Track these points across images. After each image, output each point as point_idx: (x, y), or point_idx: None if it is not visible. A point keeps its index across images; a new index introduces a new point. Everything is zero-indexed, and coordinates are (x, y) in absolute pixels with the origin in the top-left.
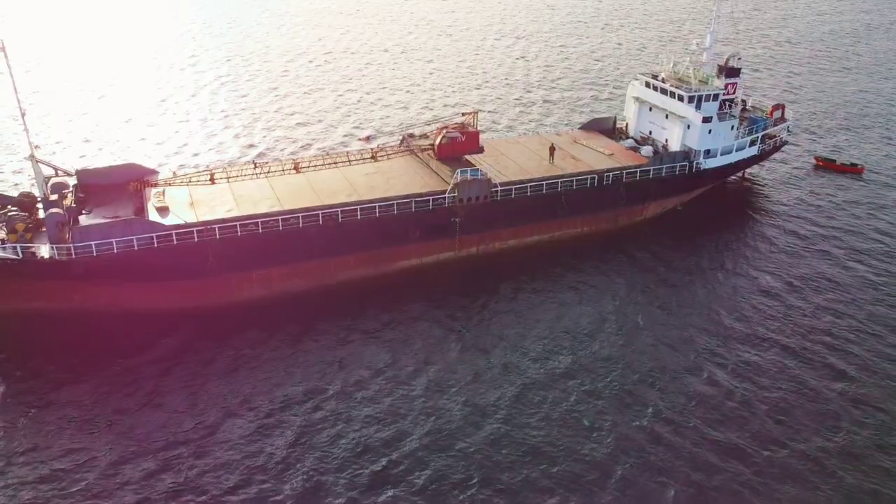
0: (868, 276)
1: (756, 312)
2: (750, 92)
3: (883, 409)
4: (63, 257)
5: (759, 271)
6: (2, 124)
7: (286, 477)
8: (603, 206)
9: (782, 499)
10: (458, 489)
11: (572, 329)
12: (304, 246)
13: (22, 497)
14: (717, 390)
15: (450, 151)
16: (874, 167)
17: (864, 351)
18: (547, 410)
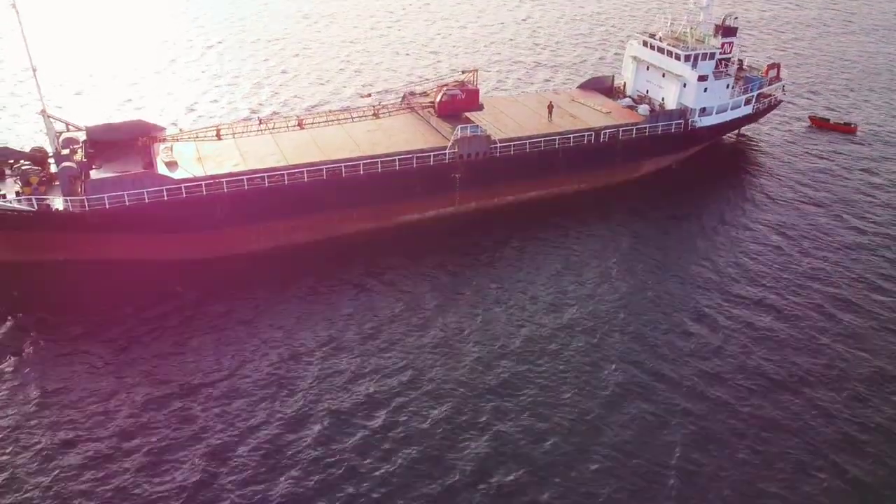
0: (858, 225)
1: (752, 261)
2: (747, 52)
3: (870, 347)
4: (76, 209)
5: (755, 223)
6: (15, 80)
7: (303, 417)
8: (600, 163)
9: (770, 426)
10: (471, 428)
11: (573, 278)
12: (309, 200)
13: (56, 437)
14: (714, 331)
15: (450, 109)
16: (867, 126)
17: (853, 293)
18: (553, 351)
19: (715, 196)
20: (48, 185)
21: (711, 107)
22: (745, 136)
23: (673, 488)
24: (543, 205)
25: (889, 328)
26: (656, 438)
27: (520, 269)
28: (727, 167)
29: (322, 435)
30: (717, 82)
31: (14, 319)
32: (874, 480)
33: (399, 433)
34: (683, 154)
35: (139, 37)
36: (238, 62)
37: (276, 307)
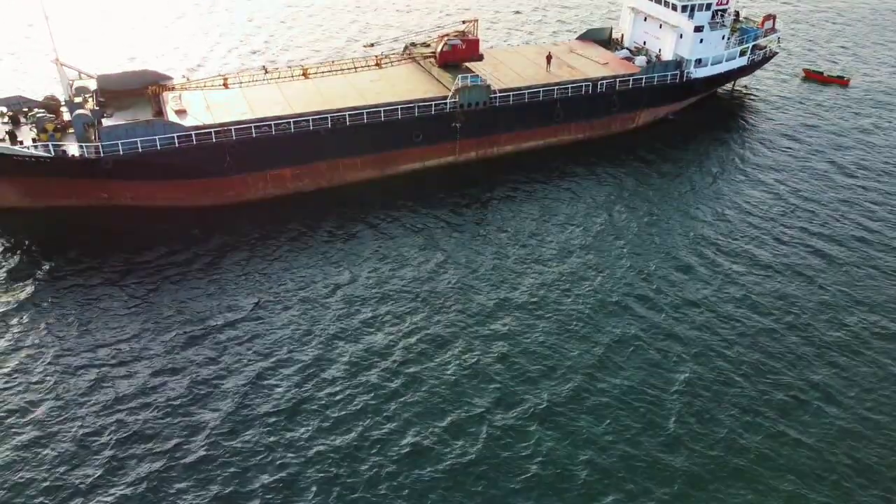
0: (848, 169)
1: (746, 206)
2: (744, 2)
3: (856, 298)
4: (91, 155)
5: (749, 170)
6: (26, 27)
7: (314, 346)
8: (597, 113)
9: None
10: (459, 367)
11: (571, 222)
12: (315, 147)
13: (84, 375)
14: (705, 273)
15: (451, 58)
16: (860, 79)
17: (843, 237)
18: (550, 290)
19: (711, 145)
20: (63, 133)
21: (707, 58)
22: (741, 87)
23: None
24: (542, 154)
25: (878, 270)
26: (655, 373)
27: (519, 214)
28: (723, 118)
29: (344, 370)
30: (712, 33)
31: (32, 264)
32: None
33: (410, 370)
34: (679, 105)
35: None
36: (245, 17)
37: (289, 252)
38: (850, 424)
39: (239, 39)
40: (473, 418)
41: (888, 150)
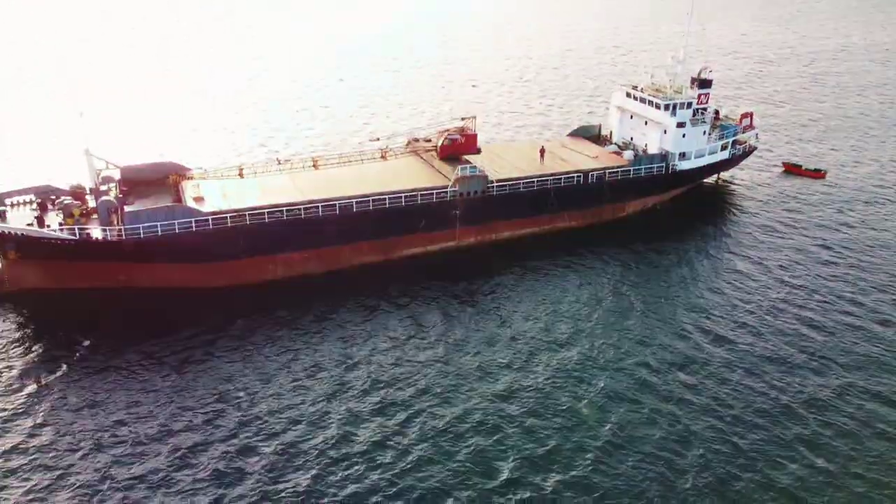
0: (829, 259)
1: (733, 289)
2: (723, 102)
3: (840, 364)
4: (114, 238)
5: (735, 257)
6: (56, 122)
7: (323, 422)
8: (589, 203)
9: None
10: (478, 434)
11: (568, 305)
12: (323, 232)
13: (101, 439)
14: (699, 350)
15: (451, 151)
16: (835, 172)
17: (825, 317)
18: (552, 369)
19: (698, 232)
20: (87, 218)
21: (690, 151)
22: (725, 180)
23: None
24: (538, 240)
25: (861, 339)
26: (642, 434)
27: (519, 297)
28: (709, 208)
29: (341, 432)
30: (694, 129)
31: (55, 346)
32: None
33: (413, 431)
34: (667, 195)
35: (174, 89)
36: (262, 116)
37: (299, 333)
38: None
39: (255, 135)
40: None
41: (864, 235)
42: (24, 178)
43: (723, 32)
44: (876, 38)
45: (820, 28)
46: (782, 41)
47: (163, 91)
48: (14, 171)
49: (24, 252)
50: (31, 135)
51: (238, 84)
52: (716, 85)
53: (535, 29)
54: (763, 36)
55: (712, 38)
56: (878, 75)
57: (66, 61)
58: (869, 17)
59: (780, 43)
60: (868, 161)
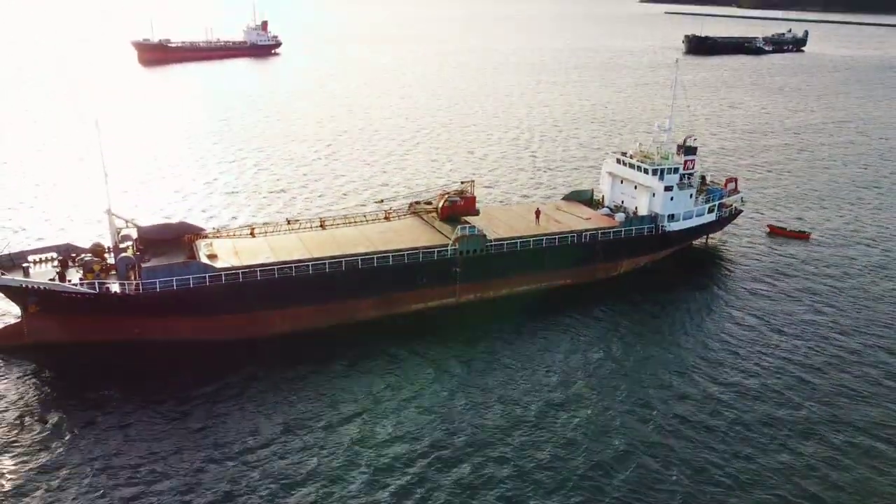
0: (814, 315)
1: (724, 343)
2: (709, 169)
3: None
4: (132, 292)
5: (725, 313)
6: (83, 183)
7: (347, 477)
8: (583, 262)
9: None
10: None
11: (566, 360)
12: (329, 288)
13: (116, 495)
14: (699, 403)
15: (451, 213)
16: (819, 234)
17: (820, 364)
18: (559, 425)
19: (689, 290)
20: (107, 274)
21: (679, 213)
22: (713, 241)
23: None
24: (535, 297)
25: (847, 388)
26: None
27: (519, 350)
28: (699, 267)
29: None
30: (681, 192)
31: (70, 394)
32: None
33: (428, 485)
34: (658, 255)
35: (192, 154)
36: (272, 180)
37: (306, 384)
38: None
39: (265, 197)
40: None
41: (847, 290)
42: (47, 237)
43: (710, 103)
44: (857, 113)
45: (803, 102)
46: (767, 113)
47: (181, 156)
48: (38, 230)
49: (44, 306)
50: (56, 196)
51: (250, 151)
52: (701, 152)
53: (530, 100)
54: (749, 108)
55: (699, 109)
56: (858, 146)
57: (92, 128)
58: (850, 93)
59: (764, 115)
60: (849, 223)
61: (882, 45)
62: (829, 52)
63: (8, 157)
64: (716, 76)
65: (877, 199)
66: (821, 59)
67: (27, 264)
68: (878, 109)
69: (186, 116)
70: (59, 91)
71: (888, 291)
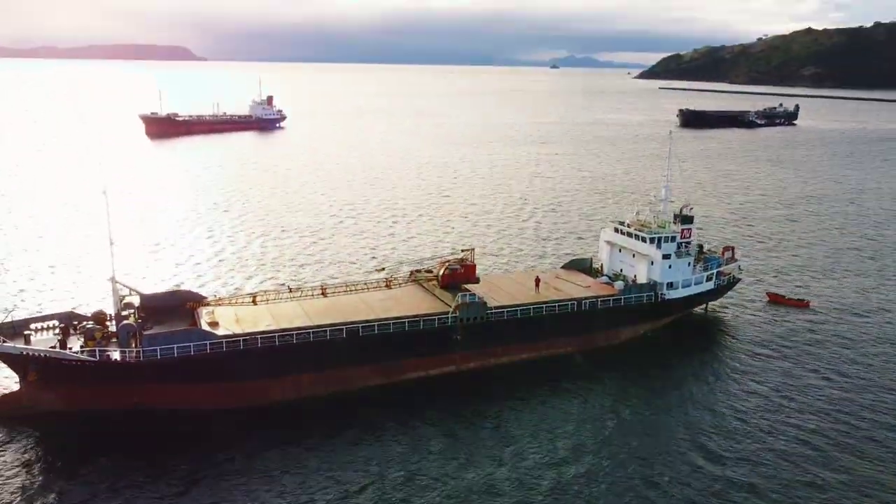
0: (820, 381)
1: (734, 410)
2: (707, 237)
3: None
4: (132, 359)
5: (727, 380)
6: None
7: None
8: (583, 329)
9: None
10: None
11: (568, 428)
12: (330, 355)
13: None
14: (705, 471)
15: (451, 281)
16: (818, 301)
17: (819, 438)
18: (572, 496)
19: (689, 358)
20: (108, 342)
21: (677, 281)
22: (713, 309)
23: None
24: (536, 365)
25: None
26: None
27: (521, 420)
28: (699, 335)
29: None
30: (679, 260)
31: (68, 467)
32: None
33: None
34: (658, 323)
35: (194, 224)
36: (275, 250)
37: (308, 455)
38: None
39: (268, 266)
40: None
41: (848, 357)
42: (50, 305)
43: (705, 174)
44: (850, 183)
45: (798, 173)
46: (762, 183)
47: (186, 225)
48: (42, 298)
49: (44, 374)
50: (61, 264)
51: (255, 220)
52: (698, 221)
53: (529, 171)
54: (744, 178)
55: (695, 179)
56: (854, 216)
57: (99, 196)
58: (843, 164)
59: (760, 185)
60: (848, 290)
61: (870, 119)
62: (820, 126)
63: (14, 225)
64: (710, 148)
65: (874, 266)
66: (812, 131)
67: (29, 332)
68: (872, 180)
69: (192, 186)
70: (67, 161)
71: (892, 357)
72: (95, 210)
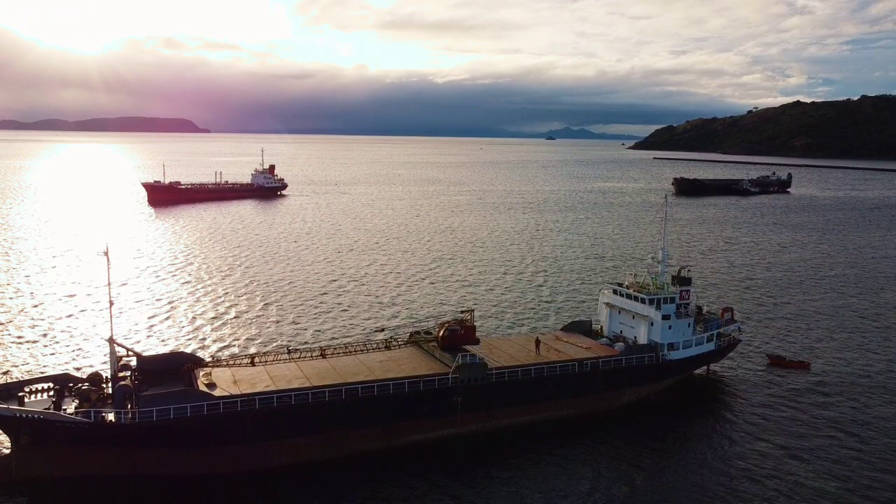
0: (828, 441)
1: (746, 472)
2: (705, 298)
3: None
4: (127, 421)
5: (734, 442)
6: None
7: None
8: (584, 392)
9: None
10: None
11: (573, 493)
12: (328, 418)
13: None
14: None
15: (451, 342)
16: (820, 363)
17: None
18: None
19: (693, 420)
20: (104, 404)
21: (678, 342)
22: (714, 371)
23: None
24: (538, 428)
25: None
26: None
27: (525, 485)
28: (701, 397)
29: None
30: (679, 321)
31: None
32: None
33: None
34: (660, 385)
35: (195, 287)
36: (279, 309)
37: None
38: None
39: (268, 328)
40: None
41: (853, 420)
42: (45, 367)
43: (702, 238)
44: (847, 247)
45: (794, 237)
46: (759, 247)
47: (186, 288)
48: (38, 360)
49: (36, 437)
50: (58, 325)
51: (257, 284)
52: (696, 283)
53: (528, 236)
54: (740, 242)
55: (691, 243)
56: (851, 278)
57: (100, 258)
58: (838, 229)
59: (756, 248)
60: (848, 351)
61: (861, 187)
62: (813, 193)
63: (11, 287)
64: (706, 214)
65: (875, 326)
66: (806, 198)
67: (23, 394)
68: (869, 245)
69: (193, 250)
70: (70, 227)
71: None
72: (96, 274)
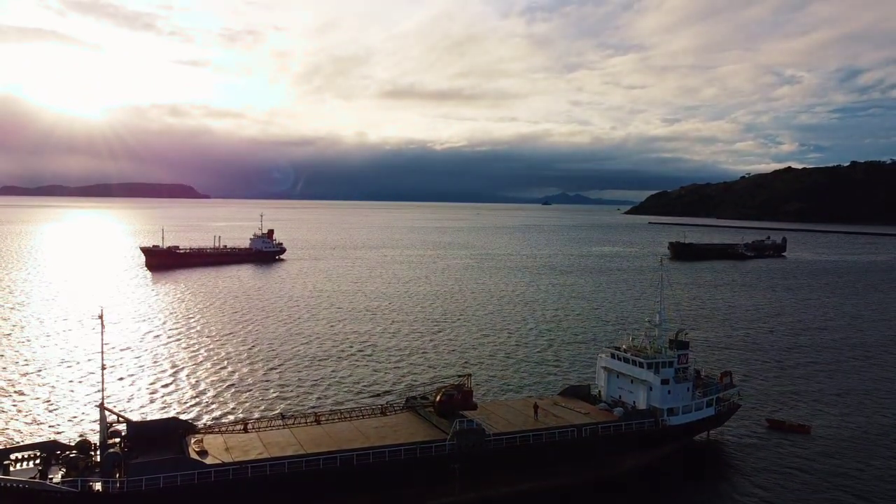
0: None
1: None
2: (703, 362)
3: None
4: (115, 490)
5: None
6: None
7: None
8: (585, 458)
9: None
10: None
11: None
12: (323, 486)
13: None
14: None
15: (447, 407)
16: (820, 426)
17: None
18: None
19: (696, 486)
20: (91, 472)
21: (677, 407)
22: (715, 437)
23: None
24: (538, 496)
25: None
26: None
27: None
28: (707, 463)
29: None
30: (678, 385)
31: None
32: None
33: None
34: (660, 451)
35: (187, 354)
36: (274, 374)
37: None
38: None
39: (261, 393)
40: None
41: (854, 484)
42: (31, 433)
43: (699, 302)
44: (846, 310)
45: (791, 301)
46: (756, 311)
47: (181, 353)
48: (24, 428)
49: None
50: (46, 392)
51: (254, 349)
52: (693, 347)
53: (525, 299)
54: (737, 306)
55: (688, 307)
56: (851, 340)
57: (94, 322)
58: (836, 292)
59: (754, 312)
60: (848, 414)
61: (855, 251)
62: (808, 257)
63: (1, 351)
64: (702, 278)
65: (875, 389)
66: (801, 262)
67: (8, 462)
68: (867, 308)
69: (189, 315)
70: (65, 291)
71: None
72: (90, 338)
